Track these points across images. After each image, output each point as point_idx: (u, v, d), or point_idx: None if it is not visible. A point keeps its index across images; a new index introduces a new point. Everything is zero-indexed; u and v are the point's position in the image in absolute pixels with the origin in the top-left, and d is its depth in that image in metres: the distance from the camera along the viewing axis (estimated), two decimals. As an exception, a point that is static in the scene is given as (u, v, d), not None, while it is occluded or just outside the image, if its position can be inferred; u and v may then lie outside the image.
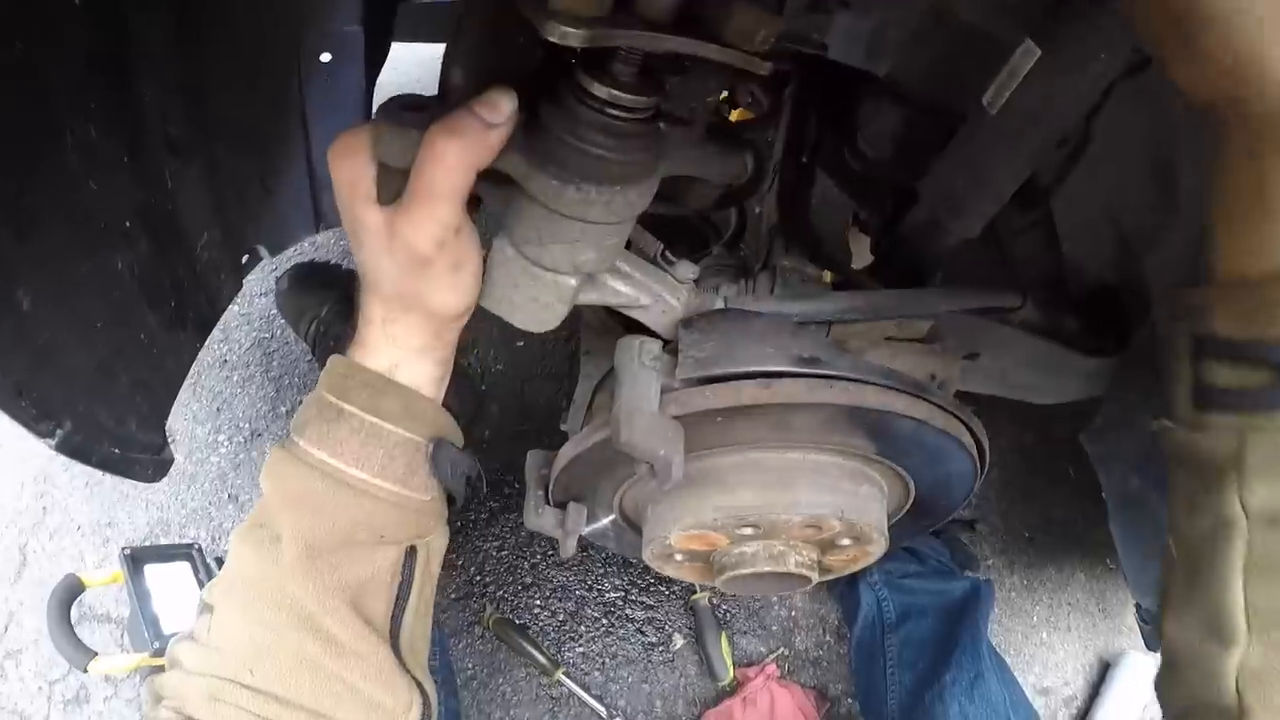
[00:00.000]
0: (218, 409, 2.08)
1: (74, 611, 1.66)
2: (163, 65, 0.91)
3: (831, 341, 0.91)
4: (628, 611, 1.93)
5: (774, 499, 0.90)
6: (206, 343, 2.05)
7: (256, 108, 1.07)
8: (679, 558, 0.99)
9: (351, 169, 0.75)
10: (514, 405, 2.09)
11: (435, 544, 0.92)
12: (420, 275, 0.78)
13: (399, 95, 0.74)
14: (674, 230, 0.98)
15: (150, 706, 0.81)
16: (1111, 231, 1.03)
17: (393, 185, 0.74)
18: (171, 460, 1.10)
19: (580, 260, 0.81)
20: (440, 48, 0.77)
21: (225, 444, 2.05)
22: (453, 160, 0.70)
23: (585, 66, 0.71)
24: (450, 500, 0.93)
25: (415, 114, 0.72)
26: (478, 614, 1.88)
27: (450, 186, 0.72)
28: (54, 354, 0.89)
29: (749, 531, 0.93)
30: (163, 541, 1.95)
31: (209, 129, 1.01)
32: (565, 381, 2.12)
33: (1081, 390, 1.31)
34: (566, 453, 0.95)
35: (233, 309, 2.14)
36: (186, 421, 2.06)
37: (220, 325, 2.08)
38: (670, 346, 0.89)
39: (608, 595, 1.94)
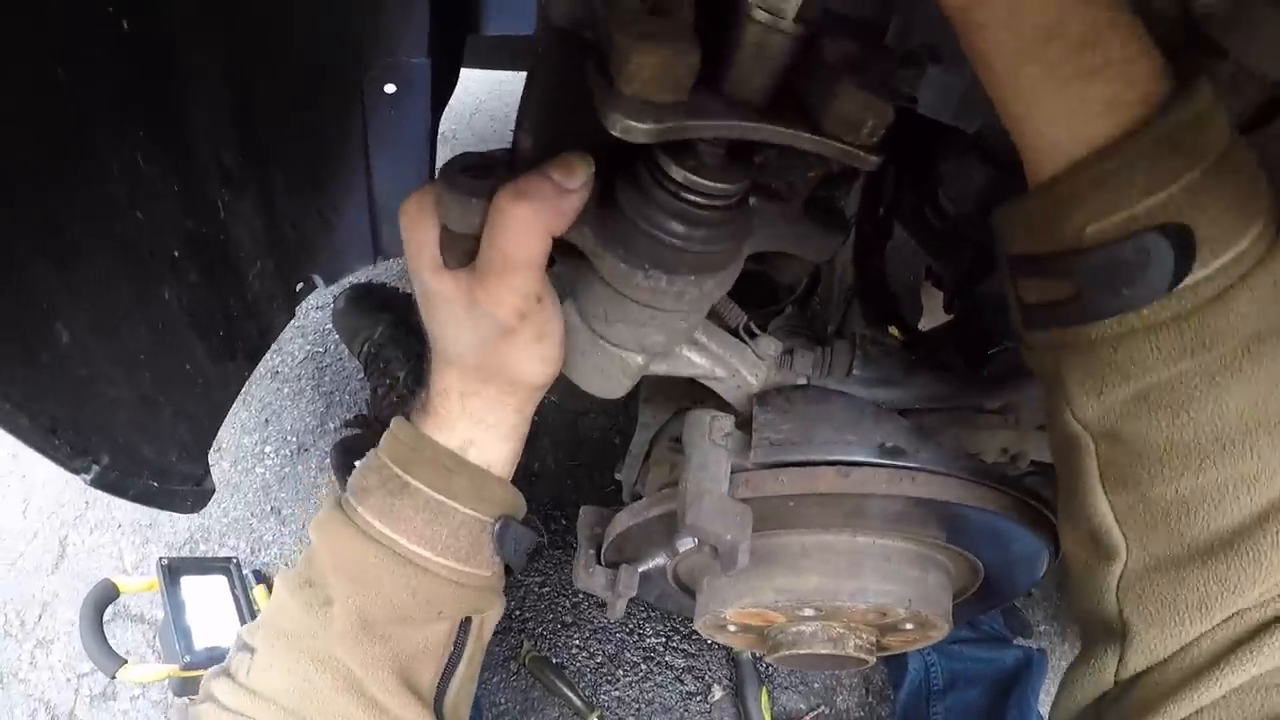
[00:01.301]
0: (266, 420, 2.07)
1: (110, 609, 1.66)
2: (216, 94, 0.88)
3: (912, 428, 0.86)
4: (668, 658, 1.89)
5: (840, 585, 0.86)
6: None
7: (316, 138, 1.04)
8: (732, 629, 0.96)
9: (421, 233, 0.72)
10: (566, 439, 2.06)
11: (490, 615, 0.90)
12: (503, 345, 0.74)
13: (463, 155, 0.69)
14: (743, 282, 0.93)
15: None
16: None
17: (458, 249, 0.69)
18: (212, 491, 1.08)
19: (648, 342, 0.76)
20: (511, 74, 0.71)
21: (272, 455, 2.04)
22: (524, 225, 0.65)
23: (665, 145, 0.64)
24: (508, 570, 0.91)
25: (478, 180, 0.66)
26: (515, 649, 1.85)
27: (525, 254, 0.67)
28: (94, 387, 0.85)
29: (810, 613, 0.89)
30: (201, 548, 1.95)
31: (265, 159, 0.98)
32: (620, 417, 2.09)
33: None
34: (624, 520, 0.91)
35: (287, 319, 2.13)
36: (234, 431, 2.05)
37: None
38: (743, 422, 0.85)
39: (649, 640, 1.90)
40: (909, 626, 0.92)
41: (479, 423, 0.81)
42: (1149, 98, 0.54)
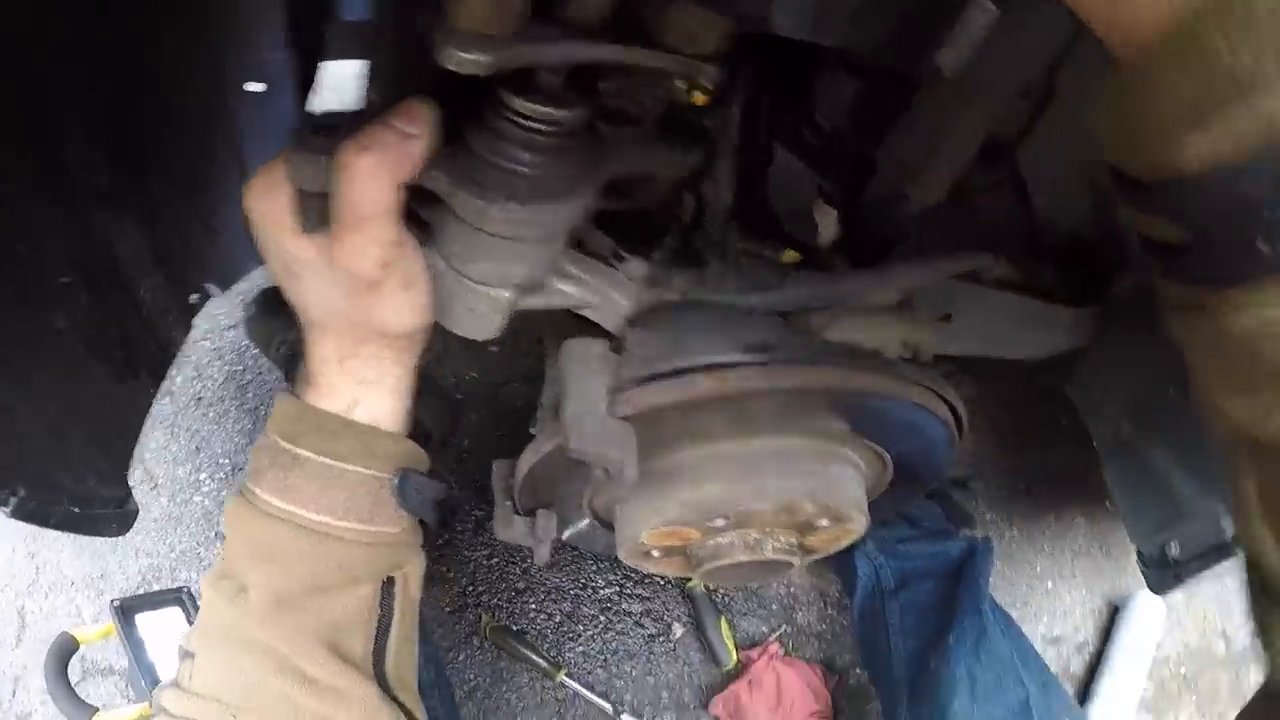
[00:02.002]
0: (196, 448, 2.06)
1: (77, 668, 1.68)
2: (84, 114, 0.88)
3: (786, 324, 0.88)
4: (624, 606, 1.92)
5: (740, 489, 0.88)
6: (180, 383, 2.07)
7: (187, 147, 1.04)
8: (655, 554, 0.98)
9: (271, 203, 0.72)
10: (492, 411, 2.06)
11: (412, 570, 0.90)
12: (371, 299, 0.75)
13: (310, 115, 0.71)
14: (633, 222, 0.96)
15: None
16: (1082, 183, 1.01)
17: (314, 211, 0.70)
18: (136, 512, 1.08)
19: (511, 275, 0.78)
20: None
21: (207, 482, 2.03)
22: (370, 176, 0.67)
23: (505, 79, 0.67)
24: (424, 524, 0.91)
25: (326, 137, 0.67)
26: (474, 625, 1.87)
27: (376, 204, 0.68)
28: (2, 421, 0.86)
29: (721, 523, 0.91)
30: (155, 587, 1.94)
31: (141, 174, 0.98)
32: (539, 383, 2.05)
33: (1064, 342, 1.30)
34: (525, 462, 0.93)
35: (204, 345, 2.13)
36: (167, 464, 2.03)
37: (192, 363, 2.10)
38: (618, 345, 0.87)
39: (602, 592, 1.92)
40: (824, 522, 0.93)
41: (361, 382, 0.81)
42: None
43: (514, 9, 0.58)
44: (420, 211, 0.78)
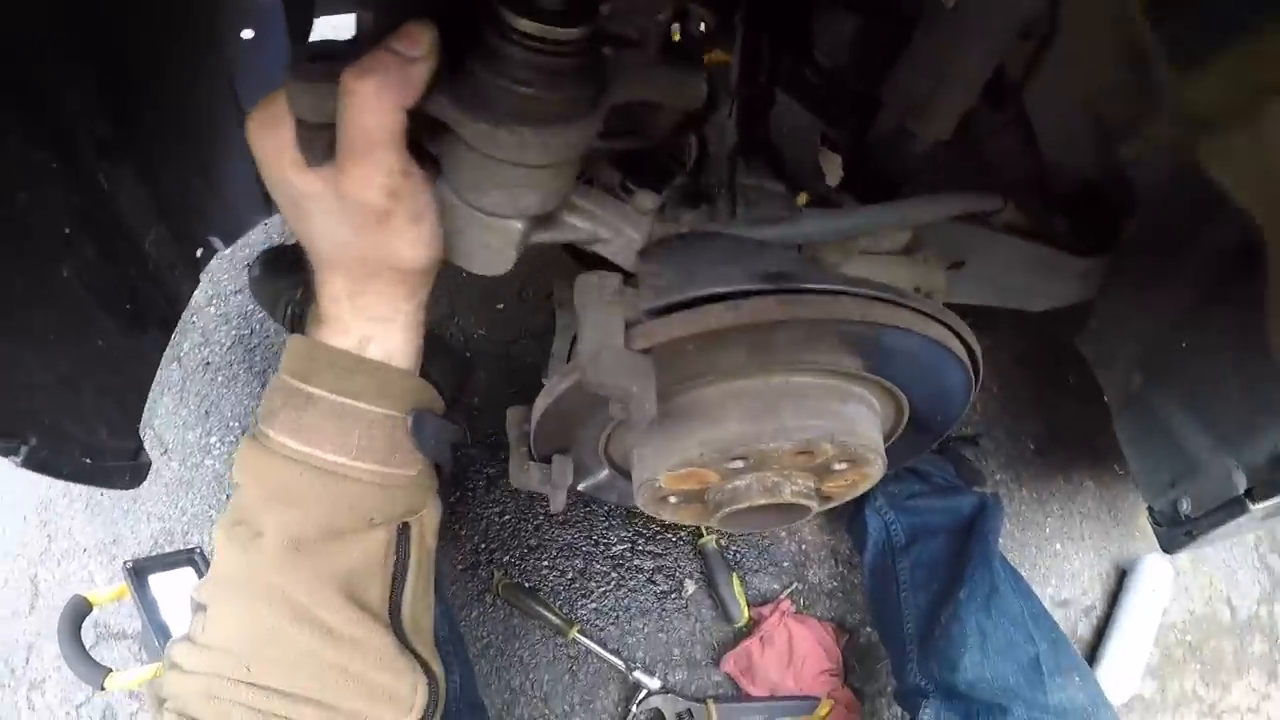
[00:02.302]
0: (206, 412, 2.05)
1: (90, 633, 1.66)
2: (78, 64, 0.87)
3: (802, 257, 0.87)
4: (636, 563, 1.92)
5: (760, 428, 0.87)
6: (187, 348, 2.07)
7: (185, 97, 1.03)
8: (673, 500, 0.97)
9: (273, 138, 0.72)
10: (501, 369, 2.06)
11: (428, 518, 0.89)
12: (380, 232, 0.74)
13: (308, 45, 0.70)
14: (636, 164, 0.94)
15: (154, 710, 0.80)
16: (1088, 123, 1.00)
17: (318, 144, 0.70)
18: (149, 464, 1.08)
19: (523, 204, 0.77)
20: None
21: (217, 446, 2.02)
22: (374, 100, 0.66)
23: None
24: (439, 470, 0.90)
25: (326, 64, 0.67)
26: (486, 582, 1.87)
27: (381, 130, 0.67)
28: (10, 372, 0.86)
29: (740, 465, 0.90)
30: (167, 551, 1.91)
31: (139, 124, 0.97)
32: (549, 338, 2.04)
33: (1075, 292, 1.29)
34: (540, 404, 0.92)
35: (209, 310, 2.12)
36: (177, 429, 2.03)
37: (199, 328, 2.10)
38: (633, 280, 0.86)
39: (614, 549, 1.92)
40: (842, 465, 0.93)
41: (372, 319, 0.80)
42: None
43: None
44: (428, 145, 0.77)
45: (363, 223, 0.73)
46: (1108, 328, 1.34)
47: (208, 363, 2.11)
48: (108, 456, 1.02)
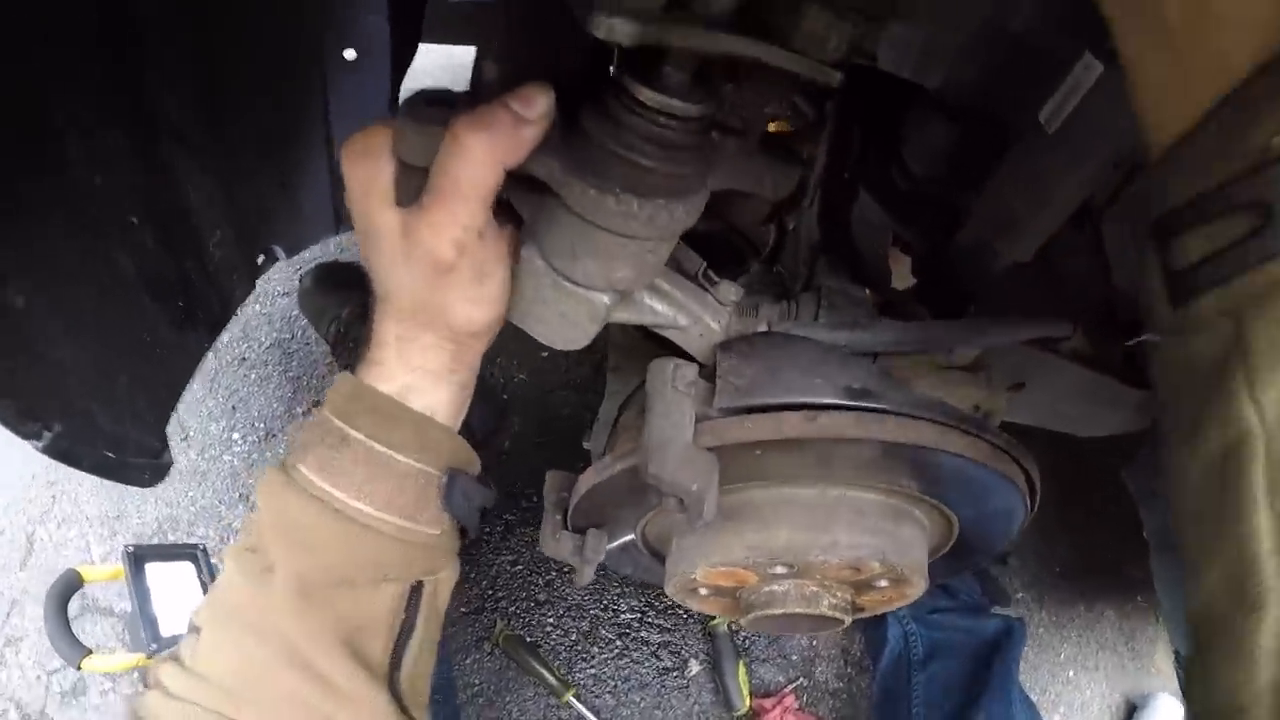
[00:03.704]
0: (233, 407, 2.05)
1: (77, 603, 1.65)
2: (172, 55, 0.86)
3: (881, 371, 0.85)
4: (643, 634, 1.88)
5: (811, 539, 0.84)
6: (225, 340, 2.07)
7: (275, 103, 1.03)
8: (704, 592, 0.94)
9: (367, 168, 0.70)
10: (536, 416, 2.04)
11: (444, 579, 0.87)
12: (440, 285, 0.72)
13: (425, 89, 0.69)
14: (707, 245, 0.92)
15: None
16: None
17: (413, 186, 0.68)
18: (170, 465, 1.06)
19: (615, 277, 0.75)
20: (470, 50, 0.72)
21: (239, 443, 2.01)
22: (479, 155, 0.65)
23: (632, 69, 0.65)
24: (463, 532, 0.87)
25: (440, 109, 0.66)
26: (488, 629, 1.84)
27: (474, 184, 0.66)
28: (48, 352, 0.84)
29: (781, 570, 0.87)
30: (171, 538, 1.93)
31: (224, 124, 0.96)
32: (590, 394, 2.08)
33: (1128, 423, 1.26)
34: (588, 479, 0.89)
35: (254, 307, 2.13)
36: (201, 418, 2.03)
37: (240, 323, 2.09)
38: (706, 372, 0.83)
39: (623, 616, 1.89)
40: (884, 583, 0.90)
41: (417, 369, 0.78)
42: None
43: None
44: (520, 207, 0.75)
45: (424, 271, 0.71)
46: (1155, 464, 1.31)
47: (243, 359, 2.10)
48: (130, 452, 1.00)
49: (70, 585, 1.61)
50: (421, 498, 0.80)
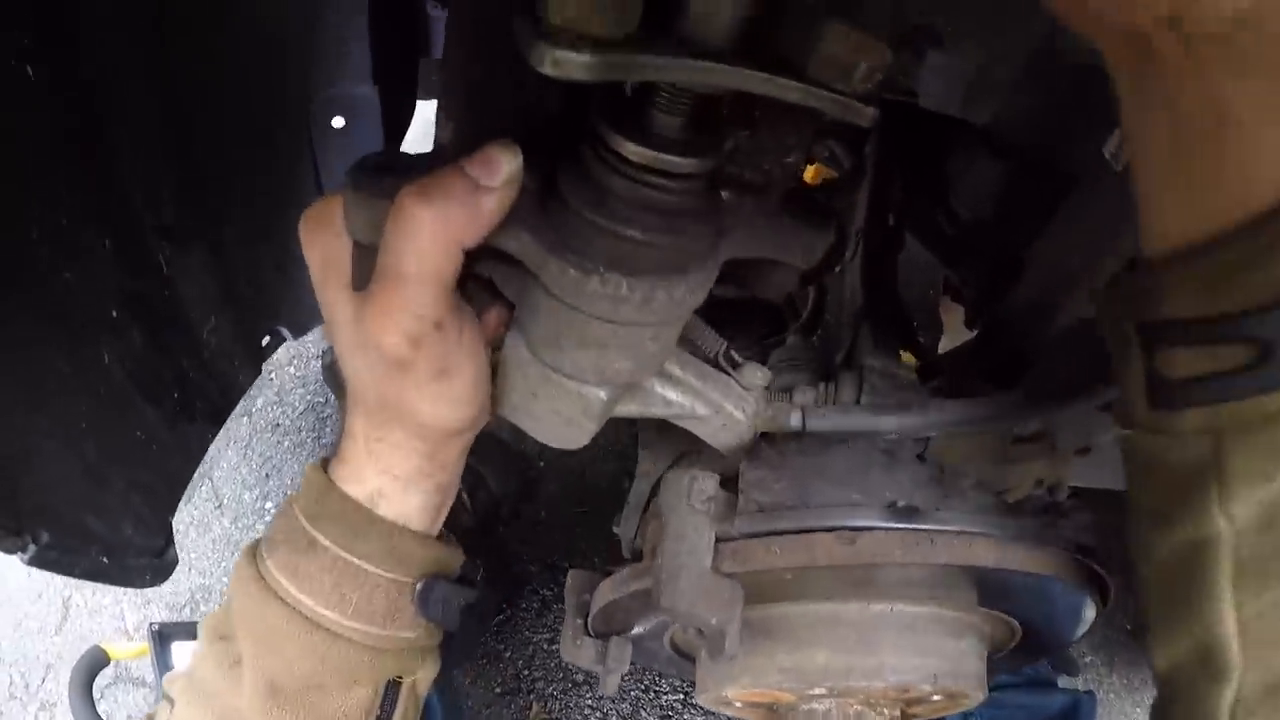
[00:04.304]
0: (267, 475, 2.02)
1: (111, 672, 1.67)
2: (147, 144, 0.83)
3: (933, 476, 0.76)
4: (686, 717, 1.80)
5: (853, 662, 0.76)
6: (259, 405, 2.04)
7: (264, 183, 1.00)
8: (738, 705, 0.87)
9: (324, 244, 0.63)
10: (573, 485, 1.98)
11: (422, 675, 0.81)
12: (400, 380, 0.64)
13: (372, 154, 0.59)
14: (738, 309, 0.84)
15: None
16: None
17: (368, 267, 0.59)
18: (175, 562, 1.03)
19: (611, 370, 0.64)
20: None
21: (272, 512, 1.99)
22: (428, 233, 0.55)
23: (611, 118, 0.54)
24: (446, 629, 0.81)
25: (390, 178, 0.56)
26: (523, 712, 1.77)
27: (425, 267, 0.57)
28: (28, 463, 0.80)
29: (821, 691, 0.79)
30: (202, 609, 1.92)
31: (209, 209, 0.93)
32: (628, 461, 1.97)
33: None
34: (604, 592, 0.82)
35: (288, 371, 2.10)
36: (235, 486, 2.01)
37: (275, 386, 2.06)
38: (730, 480, 0.75)
39: (665, 698, 1.81)
40: (937, 698, 0.82)
41: (386, 472, 0.71)
42: None
43: (625, 5, 0.45)
44: (503, 287, 0.65)
45: (379, 365, 0.63)
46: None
47: (277, 424, 2.07)
48: (129, 554, 0.97)
49: (96, 663, 1.61)
50: (394, 606, 0.75)
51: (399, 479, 0.72)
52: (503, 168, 0.55)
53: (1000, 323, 1.00)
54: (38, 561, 0.82)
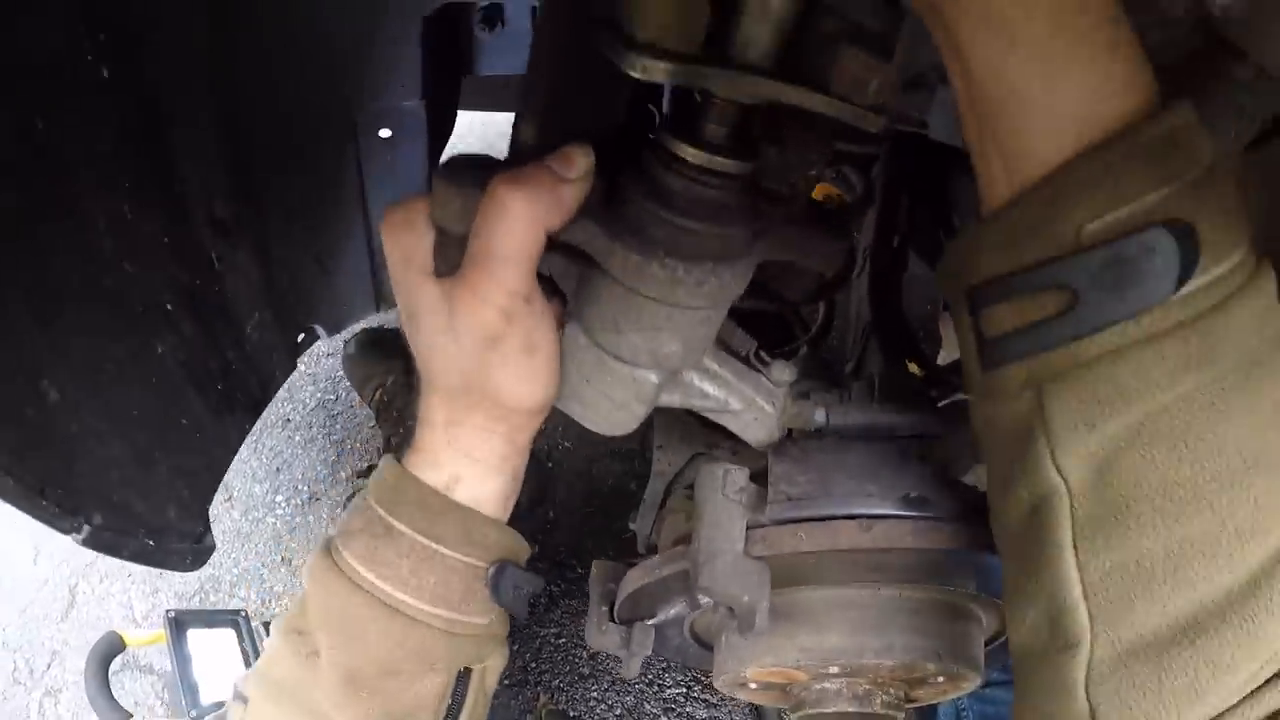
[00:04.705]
0: (277, 469, 2.05)
1: (118, 660, 1.65)
2: (205, 143, 0.87)
3: (938, 472, 0.81)
4: (689, 709, 1.84)
5: (865, 643, 0.81)
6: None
7: (311, 186, 1.03)
8: (753, 686, 0.91)
9: (407, 239, 0.68)
10: (581, 485, 2.02)
11: (493, 664, 0.85)
12: (488, 359, 0.69)
13: (462, 154, 0.66)
14: (752, 322, 0.90)
15: None
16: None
17: (453, 255, 0.66)
18: (212, 548, 1.05)
19: (663, 353, 0.71)
20: (507, 116, 0.70)
21: (283, 505, 2.01)
22: (519, 215, 0.62)
23: (672, 127, 0.63)
24: (512, 618, 0.85)
25: (478, 172, 0.64)
26: (530, 704, 1.81)
27: (516, 247, 0.63)
28: (84, 445, 0.83)
29: (833, 670, 0.84)
30: (212, 599, 1.94)
31: (259, 208, 0.96)
32: (636, 462, 2.06)
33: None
34: (635, 579, 0.86)
35: (300, 367, 2.12)
36: (244, 479, 2.03)
37: (285, 385, 2.08)
38: (758, 474, 0.80)
39: (669, 691, 1.85)
40: (939, 679, 0.87)
41: (465, 455, 0.75)
42: (1150, 90, 0.50)
43: (696, 21, 0.56)
44: (561, 282, 0.73)
45: (470, 344, 0.68)
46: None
47: (288, 419, 2.10)
48: (172, 538, 0.99)
49: (112, 648, 1.63)
50: (469, 590, 0.78)
51: (478, 463, 0.76)
52: (580, 163, 0.63)
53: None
54: (91, 542, 0.84)
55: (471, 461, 0.76)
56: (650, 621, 0.89)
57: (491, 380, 0.71)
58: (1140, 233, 0.49)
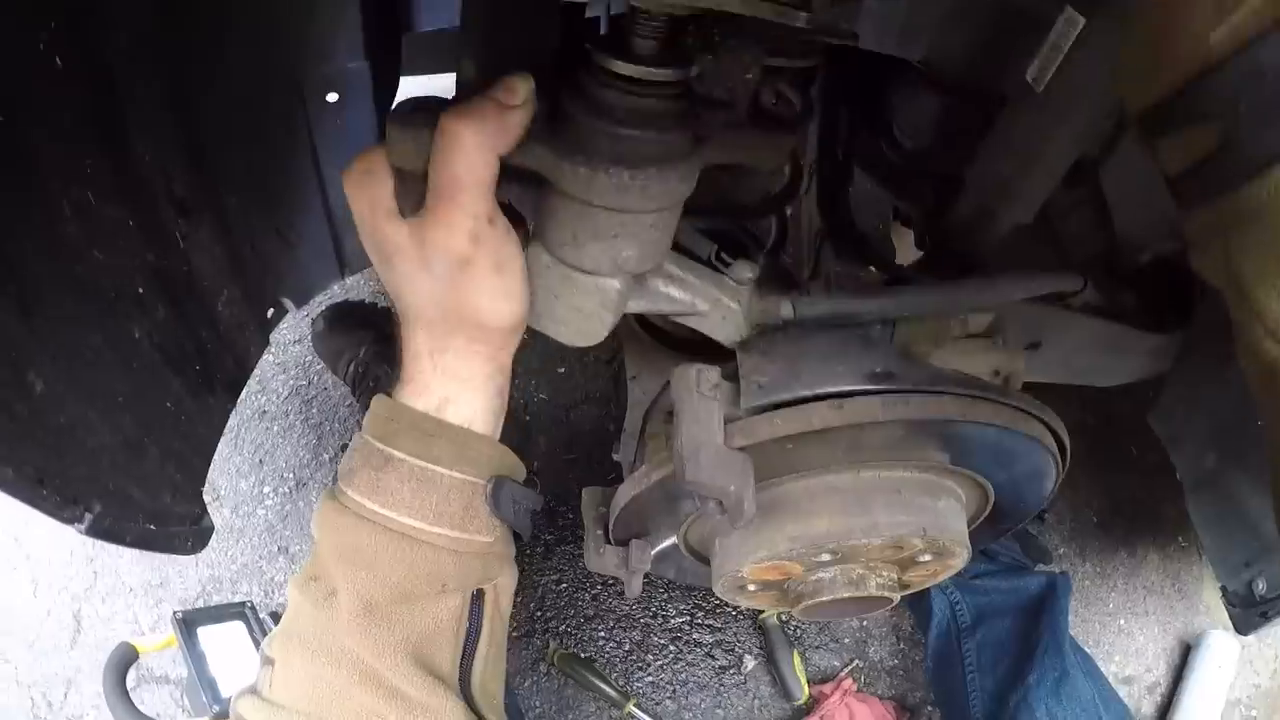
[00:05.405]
0: (260, 461, 2.05)
1: (132, 675, 1.64)
2: (158, 121, 0.87)
3: (900, 351, 0.85)
4: (695, 636, 1.88)
5: (851, 523, 0.84)
6: (243, 395, 2.06)
7: (264, 156, 1.03)
8: (752, 588, 0.94)
9: (369, 187, 0.73)
10: (560, 434, 2.05)
11: (504, 583, 0.87)
12: (462, 282, 0.73)
13: (410, 98, 0.71)
14: (719, 243, 0.93)
15: None
16: (1166, 199, 0.97)
17: (414, 194, 0.71)
18: (212, 529, 1.06)
19: (622, 258, 0.76)
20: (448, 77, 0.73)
21: (270, 496, 2.02)
22: (471, 143, 0.67)
23: (603, 45, 0.68)
24: (517, 537, 0.88)
25: (427, 113, 0.68)
26: (541, 651, 1.84)
27: (473, 173, 0.68)
28: (75, 435, 0.84)
29: (826, 558, 0.87)
30: (215, 599, 1.94)
31: (216, 184, 0.96)
32: (611, 405, 2.08)
33: (1146, 369, 1.26)
34: (626, 492, 0.90)
35: (267, 359, 2.12)
36: (230, 477, 2.03)
37: (256, 376, 2.09)
38: (729, 371, 0.83)
39: (673, 621, 1.89)
40: (928, 558, 0.90)
41: (452, 378, 0.79)
42: None
43: None
44: (520, 206, 0.77)
45: (444, 271, 0.73)
46: (1180, 405, 1.31)
47: (264, 411, 2.10)
48: (171, 522, 1.00)
49: (126, 659, 1.60)
50: (469, 507, 0.81)
51: (464, 383, 0.79)
52: (521, 89, 0.68)
53: (947, 235, 1.09)
54: (93, 531, 0.83)
55: (459, 383, 0.79)
56: (651, 550, 0.93)
57: (468, 303, 0.74)
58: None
